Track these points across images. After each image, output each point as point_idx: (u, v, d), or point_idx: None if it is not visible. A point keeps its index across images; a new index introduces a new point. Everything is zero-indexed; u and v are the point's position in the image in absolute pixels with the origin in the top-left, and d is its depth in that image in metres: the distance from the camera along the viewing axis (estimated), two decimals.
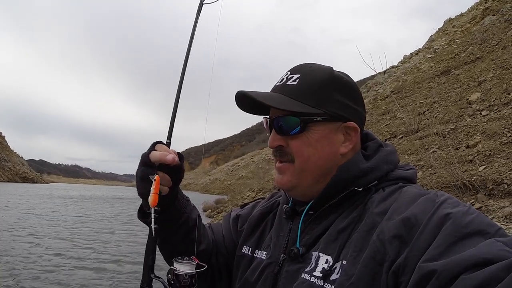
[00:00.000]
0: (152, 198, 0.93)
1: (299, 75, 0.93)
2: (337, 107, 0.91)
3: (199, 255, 1.04)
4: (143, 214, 1.05)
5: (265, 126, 1.02)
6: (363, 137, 1.01)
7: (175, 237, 1.08)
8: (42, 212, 22.48)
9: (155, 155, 0.95)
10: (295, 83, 0.92)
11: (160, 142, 1.02)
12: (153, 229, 0.97)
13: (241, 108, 1.01)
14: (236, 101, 0.98)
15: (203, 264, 0.99)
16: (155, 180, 0.93)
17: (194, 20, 1.25)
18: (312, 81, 0.92)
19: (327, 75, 0.93)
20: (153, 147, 0.99)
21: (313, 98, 0.90)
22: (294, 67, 0.97)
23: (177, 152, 1.01)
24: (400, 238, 0.70)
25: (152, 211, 0.96)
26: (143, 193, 0.97)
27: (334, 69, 0.96)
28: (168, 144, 1.06)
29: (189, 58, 1.20)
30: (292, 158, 0.92)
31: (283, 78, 0.95)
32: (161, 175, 0.95)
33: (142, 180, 0.96)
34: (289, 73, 0.95)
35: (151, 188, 0.93)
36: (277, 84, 0.96)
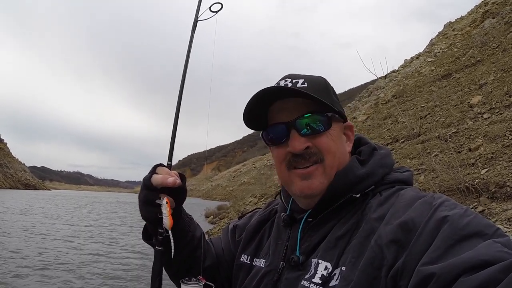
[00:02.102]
0: (168, 221, 0.92)
1: (303, 80, 0.92)
2: (340, 108, 0.96)
3: (204, 271, 1.05)
4: (147, 236, 1.06)
5: (267, 138, 0.99)
6: (356, 141, 1.02)
7: (180, 256, 1.08)
8: (67, 216, 24.32)
9: (156, 179, 0.95)
10: (305, 85, 0.91)
11: (161, 165, 1.02)
12: (172, 251, 0.97)
13: (249, 119, 0.98)
14: (250, 106, 0.94)
15: (211, 284, 0.99)
16: (167, 203, 0.93)
17: (189, 36, 1.24)
18: (319, 84, 0.94)
19: (324, 81, 0.97)
20: (154, 170, 0.99)
21: (328, 98, 0.92)
22: (289, 74, 0.97)
23: (179, 173, 1.01)
24: (398, 242, 0.70)
25: (170, 234, 0.96)
26: (148, 217, 0.97)
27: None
28: (169, 166, 1.05)
29: (186, 74, 1.19)
30: (321, 158, 0.90)
31: (287, 83, 0.92)
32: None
33: (145, 204, 0.96)
34: (289, 78, 0.94)
35: (164, 211, 0.92)
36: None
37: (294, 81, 0.92)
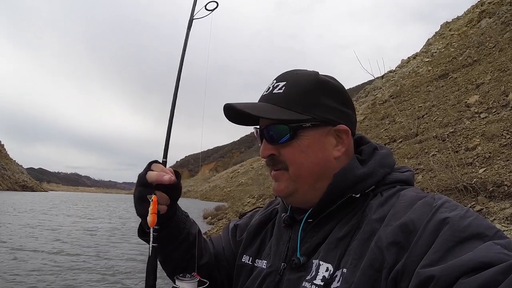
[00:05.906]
0: (150, 218, 0.93)
1: (284, 83, 0.92)
2: (325, 111, 0.91)
3: (201, 269, 1.05)
4: (143, 233, 1.06)
5: (256, 136, 1.02)
6: (357, 140, 1.01)
7: (177, 253, 1.08)
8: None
9: (151, 176, 0.95)
10: (281, 91, 0.91)
11: (156, 162, 1.02)
12: (150, 248, 0.97)
13: (231, 121, 1.01)
14: (225, 114, 0.98)
15: (205, 281, 0.99)
16: (152, 200, 0.93)
17: (185, 35, 1.24)
18: (299, 87, 0.91)
19: (313, 79, 0.93)
20: (149, 167, 0.99)
21: (300, 104, 0.90)
22: (280, 74, 0.96)
23: (174, 170, 1.02)
24: (398, 244, 0.70)
25: (152, 231, 0.96)
26: (142, 213, 0.97)
27: (320, 73, 0.96)
28: (164, 163, 1.06)
29: (182, 73, 1.19)
30: (286, 166, 0.92)
31: (270, 87, 0.95)
32: (159, 195, 0.96)
33: (139, 200, 0.97)
34: (275, 81, 0.95)
35: (149, 208, 0.93)
36: (264, 93, 0.96)
37: (276, 84, 0.93)
